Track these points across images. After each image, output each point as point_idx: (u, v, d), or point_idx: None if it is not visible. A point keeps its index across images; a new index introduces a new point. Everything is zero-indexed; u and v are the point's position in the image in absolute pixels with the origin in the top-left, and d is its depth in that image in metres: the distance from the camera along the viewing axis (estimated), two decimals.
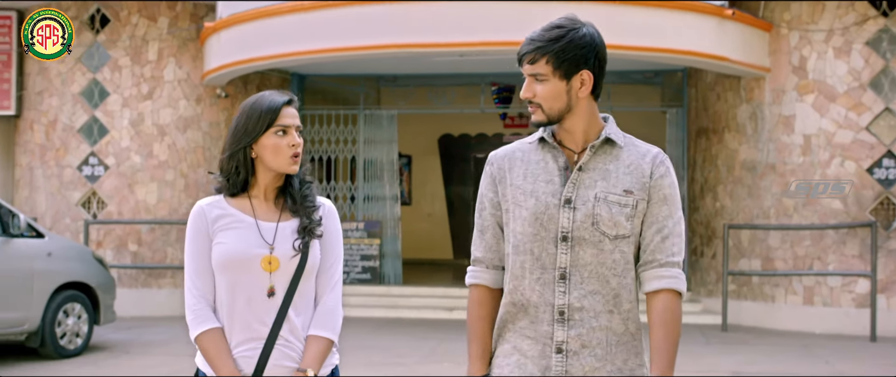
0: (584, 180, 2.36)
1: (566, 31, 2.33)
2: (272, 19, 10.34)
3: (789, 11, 10.45)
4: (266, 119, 2.55)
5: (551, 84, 2.34)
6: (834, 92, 10.19)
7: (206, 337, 2.54)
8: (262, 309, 2.57)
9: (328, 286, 2.69)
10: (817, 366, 8.15)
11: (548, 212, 2.35)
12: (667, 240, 2.37)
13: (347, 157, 12.90)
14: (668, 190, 2.39)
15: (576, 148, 2.41)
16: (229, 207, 2.62)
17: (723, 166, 11.12)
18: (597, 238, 2.33)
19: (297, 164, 2.60)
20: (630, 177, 2.37)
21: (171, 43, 11.85)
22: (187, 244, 2.61)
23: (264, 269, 2.56)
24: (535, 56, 2.33)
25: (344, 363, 7.85)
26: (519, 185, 2.41)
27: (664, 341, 2.32)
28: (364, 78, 13.10)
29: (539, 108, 2.36)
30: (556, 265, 2.35)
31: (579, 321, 2.34)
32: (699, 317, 10.93)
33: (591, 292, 2.34)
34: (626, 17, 9.56)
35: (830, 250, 10.15)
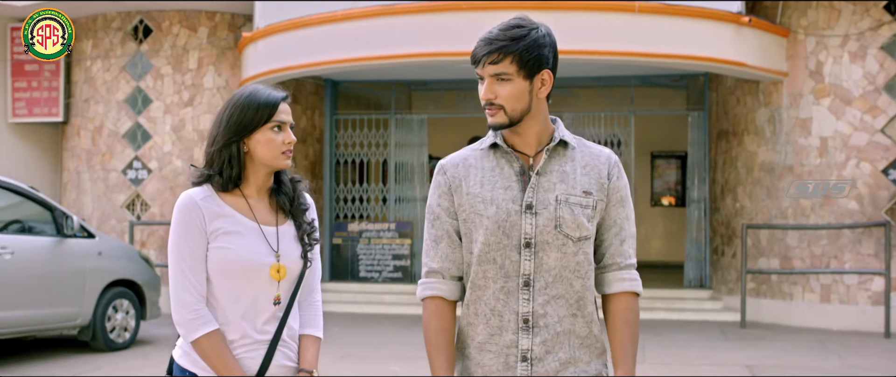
0: (542, 184, 2.34)
1: (527, 30, 2.30)
2: (306, 30, 10.82)
3: (806, 17, 10.76)
4: (264, 113, 2.50)
5: (515, 84, 2.29)
6: (849, 95, 10.48)
7: (207, 339, 2.46)
8: (264, 315, 2.53)
9: (313, 285, 2.68)
10: (830, 360, 8.48)
11: (509, 220, 2.32)
12: (624, 243, 2.40)
13: (379, 160, 13.36)
14: (624, 191, 2.41)
15: (530, 151, 2.37)
16: (225, 206, 2.53)
17: (742, 168, 11.45)
18: (560, 241, 2.32)
19: (289, 159, 2.56)
20: (587, 177, 2.36)
21: (211, 52, 12.38)
22: (177, 238, 2.48)
23: (273, 278, 2.52)
24: (499, 56, 2.27)
25: (380, 356, 8.34)
26: (476, 193, 2.36)
27: (628, 342, 2.35)
28: (395, 83, 13.55)
29: (501, 110, 2.30)
30: (519, 272, 2.32)
31: (544, 327, 2.32)
32: (719, 315, 11.27)
33: (555, 297, 2.33)
34: (646, 26, 9.92)
35: (847, 249, 10.45)
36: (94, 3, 12.24)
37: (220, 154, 2.52)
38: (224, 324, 2.50)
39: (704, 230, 12.29)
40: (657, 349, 8.91)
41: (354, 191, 13.23)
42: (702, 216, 12.36)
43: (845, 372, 7.91)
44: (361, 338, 9.66)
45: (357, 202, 13.19)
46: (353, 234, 12.89)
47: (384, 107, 13.75)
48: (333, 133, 13.22)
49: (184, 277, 2.47)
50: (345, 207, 13.21)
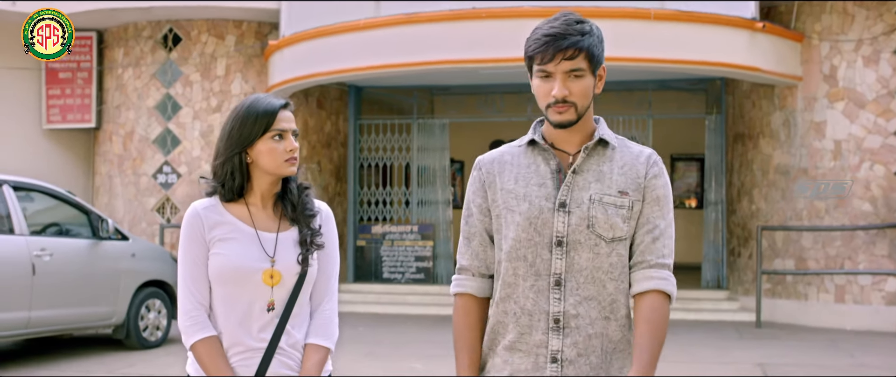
0: (577, 182, 2.29)
1: (590, 25, 2.26)
2: (331, 38, 11.14)
3: (820, 22, 10.95)
4: (262, 123, 2.51)
5: (586, 80, 2.25)
6: (863, 99, 10.66)
7: (203, 344, 2.50)
8: (259, 322, 2.53)
9: (325, 294, 2.65)
10: (841, 359, 8.68)
11: (542, 217, 2.28)
12: (657, 242, 2.31)
13: (402, 164, 13.65)
14: (661, 190, 2.33)
15: (571, 149, 2.34)
16: (227, 214, 2.57)
17: (758, 170, 11.65)
18: (593, 241, 2.27)
19: (294, 166, 2.56)
20: (624, 177, 2.31)
21: (238, 59, 12.73)
22: (182, 248, 2.55)
23: (266, 283, 2.52)
24: (575, 51, 2.21)
25: (403, 355, 8.63)
26: (510, 190, 2.34)
27: (648, 339, 2.24)
28: (417, 89, 13.84)
29: (573, 108, 2.25)
30: (550, 271, 2.28)
31: (575, 328, 2.27)
32: (736, 315, 11.47)
33: (587, 298, 2.27)
34: (662, 32, 10.16)
35: (860, 250, 10.62)
36: (125, 13, 12.61)
37: (223, 167, 2.55)
38: (222, 330, 2.52)
39: (721, 232, 12.49)
40: (672, 348, 9.12)
41: (378, 194, 13.53)
42: (719, 218, 12.56)
43: (855, 370, 8.11)
44: (385, 338, 9.95)
45: (380, 205, 13.49)
46: (376, 236, 13.19)
47: (407, 111, 14.04)
48: (357, 137, 13.53)
49: (184, 285, 2.52)
50: (368, 210, 13.51)
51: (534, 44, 2.26)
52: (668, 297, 2.29)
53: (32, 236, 8.05)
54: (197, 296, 2.52)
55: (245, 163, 2.54)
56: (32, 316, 7.89)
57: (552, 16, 2.28)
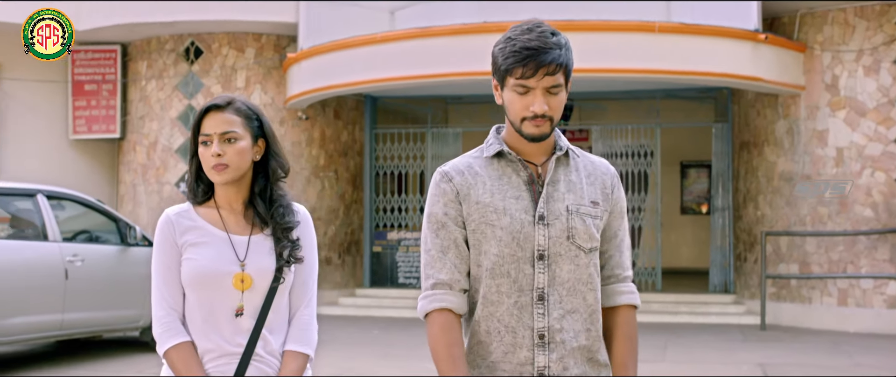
0: (552, 194, 2.27)
1: (563, 37, 2.21)
2: (347, 51, 11.55)
3: (822, 33, 11.27)
4: (195, 127, 2.49)
5: (562, 95, 2.23)
6: (864, 107, 10.97)
7: (176, 351, 2.44)
8: (232, 328, 2.48)
9: (303, 300, 2.59)
10: (840, 359, 8.99)
11: (523, 231, 2.23)
12: (623, 255, 2.37)
13: (417, 172, 14.03)
14: (623, 203, 2.38)
15: (537, 159, 2.29)
16: (198, 218, 2.52)
17: (763, 177, 11.96)
18: (573, 253, 2.25)
19: (223, 173, 2.47)
20: (593, 188, 2.31)
21: (257, 71, 13.15)
22: (155, 254, 2.52)
23: (236, 288, 2.47)
24: (556, 67, 2.17)
25: (417, 356, 9.01)
26: (487, 203, 2.25)
27: (629, 355, 2.31)
28: (431, 99, 14.23)
29: (549, 121, 2.21)
30: (533, 286, 2.24)
31: (560, 343, 2.24)
32: (742, 318, 11.78)
33: (570, 311, 2.25)
34: (666, 44, 10.51)
35: (862, 255, 10.92)
36: (148, 27, 13.06)
37: (189, 172, 2.54)
38: (197, 336, 2.48)
39: (728, 237, 12.80)
40: (677, 350, 9.46)
41: (393, 201, 13.91)
42: (726, 224, 12.88)
43: (852, 370, 8.42)
44: (400, 340, 10.31)
45: (396, 212, 13.86)
46: (392, 243, 13.57)
47: (421, 121, 14.42)
48: (373, 146, 13.92)
49: (158, 291, 2.49)
50: (384, 217, 13.89)
51: (512, 57, 2.17)
52: (636, 308, 2.38)
53: (65, 243, 8.46)
54: (169, 301, 2.47)
55: (199, 166, 2.51)
56: (65, 318, 8.31)
57: (521, 24, 2.22)
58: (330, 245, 13.44)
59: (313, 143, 13.36)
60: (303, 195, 13.14)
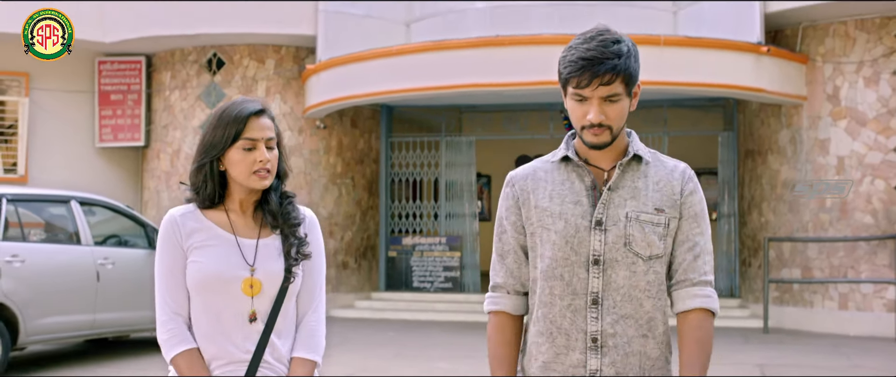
0: (613, 200, 2.26)
1: (625, 44, 2.21)
2: (364, 63, 11.99)
3: (823, 45, 11.63)
4: (231, 131, 2.39)
5: (623, 103, 2.22)
6: (864, 117, 11.32)
7: (183, 358, 2.39)
8: (241, 333, 2.42)
9: (311, 305, 2.54)
10: (838, 361, 9.33)
11: (578, 235, 2.25)
12: (698, 259, 2.30)
13: (431, 179, 14.45)
14: (698, 206, 2.32)
15: (605, 165, 2.30)
16: (205, 220, 2.46)
17: (767, 185, 12.32)
18: (630, 259, 2.24)
19: (266, 179, 2.43)
20: (660, 194, 2.28)
21: (277, 81, 13.60)
22: (158, 257, 2.45)
23: (245, 293, 2.41)
24: (612, 76, 2.17)
25: (430, 356, 9.44)
26: (545, 207, 2.29)
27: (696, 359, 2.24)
28: (445, 108, 14.64)
29: (608, 130, 2.22)
30: (587, 290, 2.25)
31: (613, 347, 2.24)
32: (746, 322, 12.12)
33: (624, 316, 2.24)
34: (671, 57, 10.90)
35: (863, 260, 11.26)
36: (172, 39, 13.54)
37: (196, 174, 2.46)
38: (202, 341, 2.42)
39: (734, 243, 13.15)
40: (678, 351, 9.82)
41: (408, 207, 14.32)
42: (732, 229, 13.22)
43: (849, 371, 8.77)
44: (414, 342, 10.72)
45: (411, 218, 14.28)
46: (407, 248, 13.99)
47: (435, 129, 14.83)
48: (389, 154, 14.34)
49: (161, 297, 2.43)
50: (399, 223, 14.30)
51: (569, 66, 2.21)
52: (712, 314, 2.29)
53: (96, 246, 8.93)
54: (173, 306, 2.42)
55: (216, 170, 2.44)
56: (97, 318, 8.77)
57: (586, 32, 2.24)
58: (346, 250, 13.87)
59: (331, 151, 13.79)
60: (320, 202, 13.58)
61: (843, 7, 11.18)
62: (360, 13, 13.13)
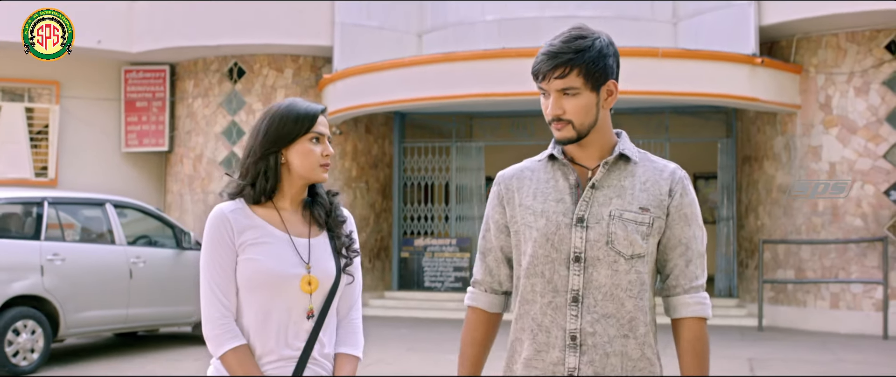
0: (597, 198, 2.25)
1: (591, 40, 2.22)
2: (378, 73, 12.62)
3: (816, 56, 12.19)
4: (303, 124, 2.43)
5: (582, 98, 2.21)
6: (855, 125, 11.87)
7: (234, 354, 2.38)
8: (293, 330, 2.43)
9: (352, 303, 2.58)
10: (824, 355, 9.89)
11: (559, 233, 2.24)
12: (690, 264, 2.29)
13: (442, 183, 15.05)
14: (688, 209, 2.29)
15: (590, 164, 2.29)
16: (256, 217, 2.45)
17: (763, 189, 12.88)
18: (611, 258, 2.22)
19: (326, 172, 2.49)
20: (646, 194, 2.26)
21: (295, 90, 14.24)
22: (207, 252, 2.42)
23: (304, 290, 2.43)
24: (566, 69, 2.18)
25: (440, 350, 10.10)
26: (528, 206, 2.29)
27: (697, 371, 2.26)
28: (456, 115, 15.26)
29: (569, 125, 2.22)
30: (568, 288, 2.23)
31: (592, 347, 2.22)
32: (743, 320, 12.67)
33: (605, 316, 2.22)
34: (668, 68, 11.49)
35: (853, 262, 11.81)
36: (195, 50, 14.21)
37: (256, 165, 2.44)
38: (253, 338, 2.42)
39: (732, 245, 13.71)
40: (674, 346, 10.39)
41: (420, 210, 14.93)
42: (730, 232, 13.79)
43: (834, 365, 9.33)
44: (425, 337, 11.33)
45: (422, 220, 14.89)
46: (418, 249, 14.60)
47: (446, 135, 15.44)
48: (401, 159, 14.95)
49: (211, 293, 2.41)
50: (412, 225, 14.92)
51: (534, 61, 2.26)
52: (706, 320, 2.30)
53: (129, 246, 9.57)
54: (225, 303, 2.41)
55: (279, 163, 2.45)
56: (129, 313, 9.42)
57: (563, 31, 2.28)
58: (361, 250, 14.43)
59: (346, 156, 14.42)
60: None
61: (835, 20, 11.73)
62: (374, 25, 13.76)
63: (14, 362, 8.32)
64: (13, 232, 8.73)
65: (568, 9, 12.47)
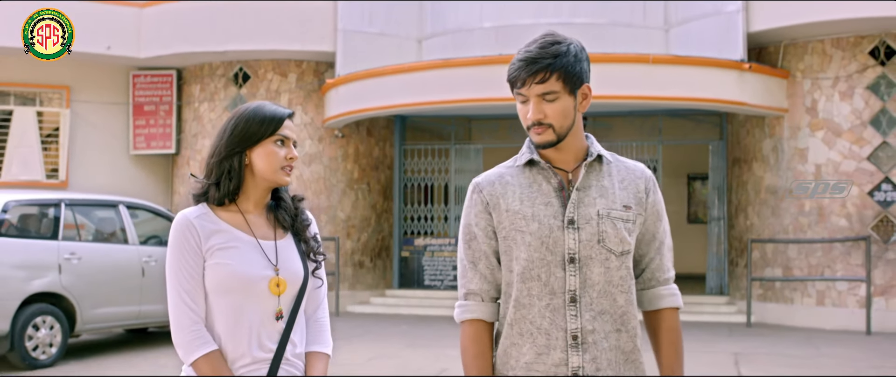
0: (583, 199, 2.30)
1: (566, 45, 2.27)
2: (379, 78, 13.05)
3: (803, 62, 12.61)
4: (269, 126, 2.45)
5: (561, 101, 2.26)
6: (840, 128, 12.29)
7: (207, 360, 2.39)
8: (265, 332, 2.45)
9: (319, 302, 2.61)
10: (806, 350, 10.30)
11: (552, 235, 2.28)
12: (664, 258, 2.40)
13: (441, 184, 15.46)
14: (660, 206, 2.40)
15: (568, 167, 2.34)
16: (221, 222, 2.46)
17: (752, 190, 13.30)
18: (604, 256, 2.28)
19: (289, 175, 2.49)
20: (626, 192, 2.34)
21: (299, 94, 14.67)
22: (173, 259, 2.43)
23: (272, 293, 2.45)
24: (546, 75, 2.23)
25: (440, 345, 10.55)
26: (516, 210, 2.31)
27: (676, 359, 2.35)
28: (455, 117, 15.67)
29: (550, 129, 2.26)
30: (565, 289, 2.28)
31: (592, 344, 2.28)
32: (733, 317, 13.09)
33: (601, 312, 2.28)
34: (659, 73, 11.92)
35: (838, 260, 12.23)
36: (201, 55, 14.64)
37: (220, 165, 2.46)
38: (224, 342, 2.43)
39: (723, 244, 14.13)
40: None
41: (420, 210, 15.34)
42: (721, 232, 14.20)
43: (814, 358, 9.75)
44: (425, 333, 11.74)
45: (422, 220, 15.30)
46: (418, 248, 15.02)
47: (446, 138, 15.85)
48: (402, 161, 15.37)
49: (180, 299, 2.41)
50: (412, 225, 15.33)
51: (510, 68, 2.29)
52: (678, 310, 2.42)
53: (141, 246, 10.00)
54: (195, 308, 2.41)
55: (243, 164, 2.46)
56: (142, 309, 9.86)
57: (535, 38, 2.32)
58: (362, 250, 14.92)
59: (348, 158, 14.84)
60: (339, 205, 14.64)
61: (821, 27, 12.15)
62: (375, 31, 14.19)
63: (34, 356, 8.75)
64: (32, 232, 9.18)
65: (563, 16, 12.91)
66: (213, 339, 2.42)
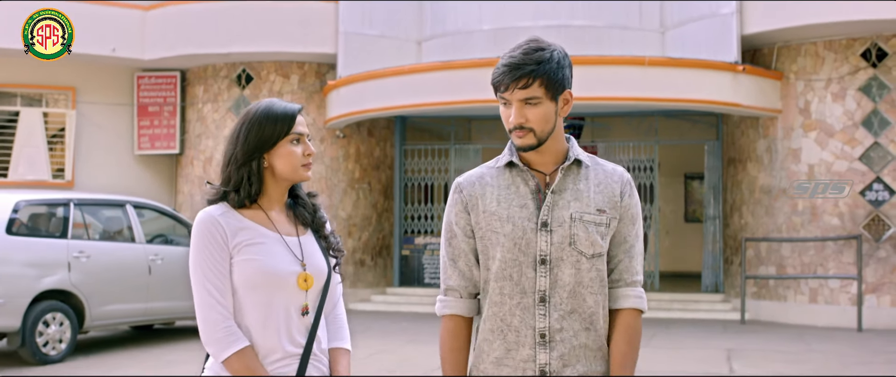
0: (557, 202, 2.35)
1: (549, 51, 2.32)
2: (380, 79, 13.29)
3: (796, 64, 12.85)
4: (283, 126, 2.46)
5: (543, 106, 2.31)
6: (832, 129, 12.52)
7: (239, 356, 2.38)
8: (293, 327, 2.47)
9: (336, 298, 2.63)
10: (797, 346, 10.54)
11: (525, 237, 2.34)
12: (633, 260, 2.43)
13: (441, 184, 15.67)
14: (635, 209, 2.43)
15: (546, 170, 2.39)
16: (245, 219, 2.47)
17: (746, 190, 13.54)
18: (574, 258, 2.34)
19: (310, 171, 2.52)
20: (601, 195, 2.38)
21: (301, 95, 14.90)
22: (200, 256, 2.41)
23: (301, 288, 2.47)
24: (529, 80, 2.28)
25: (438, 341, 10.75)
26: (493, 212, 2.37)
27: (628, 357, 2.39)
28: (455, 118, 15.89)
29: (531, 133, 2.32)
30: (535, 289, 2.34)
31: (560, 342, 2.34)
32: (728, 314, 13.32)
33: (570, 312, 2.34)
34: (654, 76, 12.15)
35: (830, 258, 12.46)
36: (205, 57, 14.87)
37: (238, 171, 2.46)
38: (255, 337, 2.43)
39: (718, 242, 14.36)
40: (662, 338, 11.06)
41: (420, 209, 15.56)
42: (716, 231, 14.43)
43: (804, 354, 9.98)
44: (425, 330, 11.96)
45: (423, 219, 15.53)
46: (419, 247, 15.26)
47: (445, 138, 16.07)
48: (402, 161, 15.59)
49: (209, 296, 2.40)
50: (412, 224, 15.56)
51: (494, 72, 2.35)
52: (641, 312, 2.45)
53: (148, 244, 10.24)
54: (225, 304, 2.41)
55: (262, 167, 2.47)
56: (149, 306, 10.10)
57: (519, 43, 2.37)
58: (364, 248, 15.16)
59: (349, 158, 15.08)
60: (340, 205, 14.87)
61: (814, 30, 12.38)
62: (375, 33, 14.43)
63: (44, 352, 9.00)
64: (42, 231, 9.42)
65: (560, 18, 13.14)
66: (244, 335, 2.43)
